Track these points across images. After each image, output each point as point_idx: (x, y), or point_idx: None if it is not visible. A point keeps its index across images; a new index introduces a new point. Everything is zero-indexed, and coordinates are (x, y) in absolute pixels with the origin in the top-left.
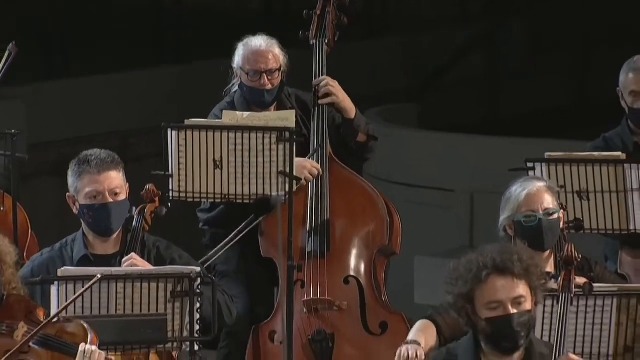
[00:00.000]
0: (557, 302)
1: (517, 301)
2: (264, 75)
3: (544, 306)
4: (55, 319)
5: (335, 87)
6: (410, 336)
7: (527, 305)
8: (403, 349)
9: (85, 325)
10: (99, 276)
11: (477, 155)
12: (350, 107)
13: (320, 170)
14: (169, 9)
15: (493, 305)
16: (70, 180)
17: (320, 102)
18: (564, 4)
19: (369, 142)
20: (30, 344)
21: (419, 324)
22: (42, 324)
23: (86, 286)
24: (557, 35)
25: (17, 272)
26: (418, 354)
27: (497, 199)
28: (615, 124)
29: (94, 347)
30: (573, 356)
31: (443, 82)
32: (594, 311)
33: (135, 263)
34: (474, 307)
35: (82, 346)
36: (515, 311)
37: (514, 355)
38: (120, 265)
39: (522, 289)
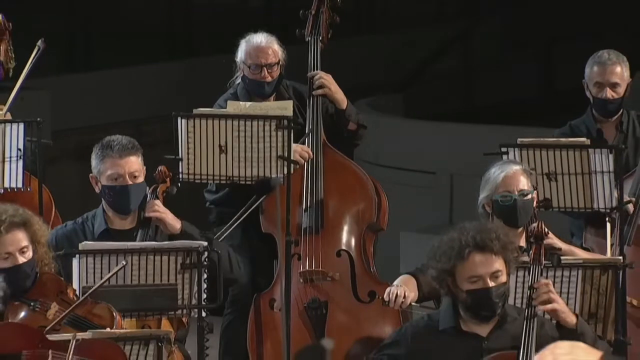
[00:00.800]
0: (529, 274)
1: (494, 275)
2: (264, 69)
3: (517, 277)
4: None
5: (328, 80)
6: (396, 282)
7: (503, 278)
8: (392, 288)
9: (112, 308)
10: (124, 263)
11: (455, 141)
12: (341, 99)
13: (310, 153)
14: (178, 9)
15: (473, 279)
16: (94, 162)
17: (314, 93)
18: (534, 5)
19: (359, 130)
20: (61, 324)
21: (402, 277)
22: (73, 306)
23: (112, 272)
24: (528, 33)
25: (50, 254)
26: (406, 293)
27: (474, 180)
28: (581, 113)
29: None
30: (551, 285)
31: (425, 75)
32: (562, 281)
33: (157, 209)
34: (455, 281)
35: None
36: (493, 284)
37: (490, 321)
38: (136, 239)
39: (499, 264)
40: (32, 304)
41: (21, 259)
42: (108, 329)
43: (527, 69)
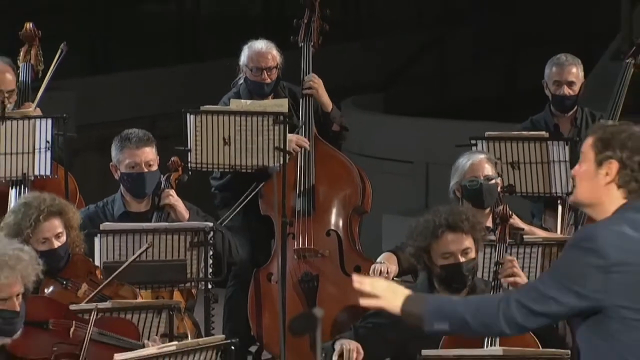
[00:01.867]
0: (495, 250)
1: (465, 252)
2: (265, 71)
3: (484, 253)
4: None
5: (317, 83)
6: (379, 259)
7: (472, 254)
8: (376, 265)
9: (135, 291)
10: (147, 245)
11: (430, 134)
12: (327, 102)
13: (307, 142)
14: (187, 18)
15: (446, 255)
16: (114, 152)
17: (303, 92)
18: (498, 15)
19: (342, 131)
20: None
21: (384, 254)
22: (101, 286)
23: (138, 252)
24: (494, 40)
25: (80, 238)
26: (389, 269)
27: (447, 168)
28: (540, 110)
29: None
30: (515, 262)
31: (404, 77)
32: (524, 257)
33: (171, 200)
34: (430, 257)
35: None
36: (463, 260)
37: (462, 292)
38: (151, 220)
39: (468, 242)
40: (64, 282)
41: (56, 243)
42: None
43: (494, 72)
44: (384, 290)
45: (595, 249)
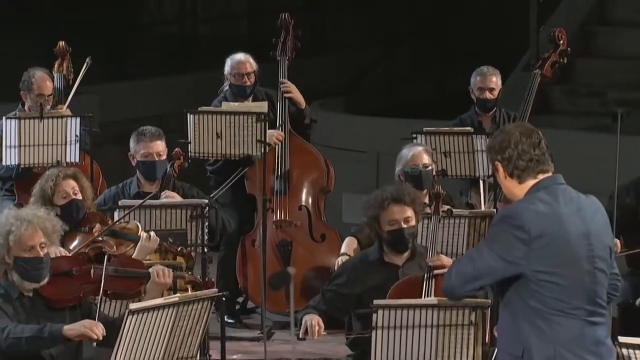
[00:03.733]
0: (430, 221)
1: (407, 220)
2: (245, 76)
3: (422, 224)
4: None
5: (291, 87)
6: (342, 249)
7: (413, 222)
8: (339, 259)
9: (139, 224)
10: (149, 196)
11: (380, 130)
12: (301, 101)
13: (283, 136)
14: (188, 37)
15: (392, 222)
16: (131, 144)
17: (284, 96)
18: (432, 34)
19: (312, 124)
20: (103, 236)
21: (347, 240)
22: (113, 223)
23: (142, 201)
24: (430, 54)
25: (93, 202)
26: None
27: (393, 157)
28: (467, 110)
29: (152, 233)
30: (441, 256)
31: (359, 84)
32: (454, 226)
33: (170, 195)
34: (379, 224)
35: (143, 233)
36: (405, 226)
37: (404, 254)
38: (159, 198)
39: (409, 212)
40: (83, 229)
41: (74, 197)
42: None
43: (430, 80)
44: None
45: (520, 225)
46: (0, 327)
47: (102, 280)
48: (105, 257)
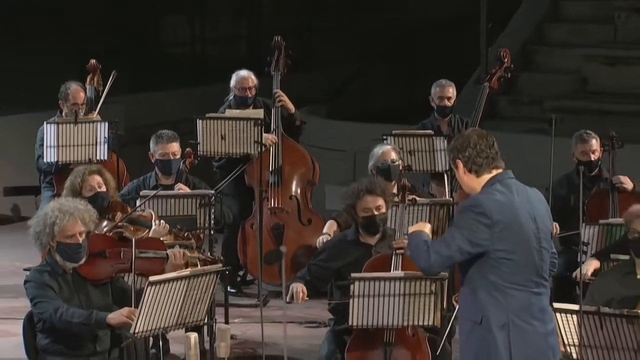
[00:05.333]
0: (398, 208)
1: (378, 208)
2: (247, 89)
3: (392, 211)
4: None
5: (283, 96)
6: (324, 230)
7: (384, 210)
8: (321, 237)
9: (153, 213)
10: (158, 190)
11: (356, 132)
12: (292, 107)
13: (276, 139)
14: (199, 57)
15: (365, 210)
16: (151, 145)
17: (277, 104)
18: (400, 52)
19: (302, 125)
20: (124, 223)
21: (328, 222)
22: (131, 211)
23: (154, 192)
24: (399, 69)
25: (117, 193)
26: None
27: (367, 155)
28: (428, 116)
29: (162, 221)
30: (404, 239)
31: (340, 94)
32: (416, 212)
33: (182, 187)
34: (355, 211)
35: (156, 221)
36: (377, 213)
37: (376, 235)
38: (173, 189)
39: (381, 201)
40: (108, 216)
41: (99, 190)
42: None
43: (398, 91)
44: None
45: (483, 212)
46: (54, 307)
47: (133, 261)
48: (133, 240)
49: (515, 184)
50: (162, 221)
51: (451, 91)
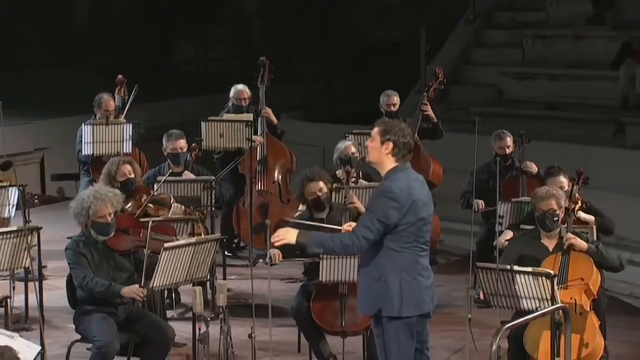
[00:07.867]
0: (343, 190)
1: (320, 190)
2: (243, 100)
3: (339, 193)
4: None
5: (268, 111)
6: (299, 208)
7: (325, 189)
8: (297, 213)
9: (170, 196)
10: (167, 174)
11: (325, 132)
12: (274, 120)
13: (263, 139)
14: (201, 73)
15: (311, 194)
16: (164, 142)
17: (262, 115)
18: (361, 70)
19: (282, 134)
20: (148, 203)
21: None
22: (153, 194)
23: (164, 177)
24: (359, 84)
25: (141, 178)
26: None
27: (333, 149)
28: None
29: (177, 204)
30: (354, 197)
31: (313, 103)
32: (362, 193)
33: (188, 174)
34: (304, 197)
35: (174, 202)
36: (320, 194)
37: (325, 210)
38: (182, 176)
39: (321, 184)
40: (135, 197)
41: (129, 176)
42: (168, 215)
43: (358, 100)
44: (285, 234)
45: (393, 197)
46: (82, 275)
47: (147, 240)
48: (150, 223)
49: (413, 172)
50: (177, 204)
51: (395, 99)
